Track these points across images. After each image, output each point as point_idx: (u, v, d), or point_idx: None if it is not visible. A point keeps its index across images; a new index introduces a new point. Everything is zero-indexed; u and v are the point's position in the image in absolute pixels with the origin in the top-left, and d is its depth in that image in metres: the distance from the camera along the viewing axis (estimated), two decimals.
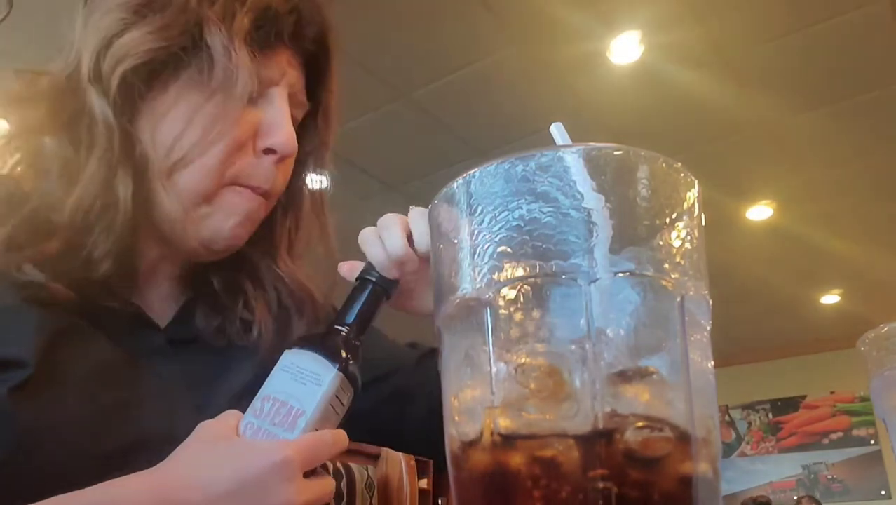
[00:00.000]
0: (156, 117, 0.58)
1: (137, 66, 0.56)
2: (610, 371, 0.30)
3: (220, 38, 0.56)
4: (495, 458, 0.31)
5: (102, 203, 0.55)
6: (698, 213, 0.34)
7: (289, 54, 0.62)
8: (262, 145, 0.60)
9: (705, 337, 0.34)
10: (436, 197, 0.36)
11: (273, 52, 0.61)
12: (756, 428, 5.89)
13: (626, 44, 2.52)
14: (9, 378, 0.49)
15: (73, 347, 0.54)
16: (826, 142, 3.11)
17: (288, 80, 0.62)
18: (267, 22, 0.59)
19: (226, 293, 0.66)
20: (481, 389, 0.32)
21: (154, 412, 0.56)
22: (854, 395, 5.47)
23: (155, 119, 0.58)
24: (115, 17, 0.57)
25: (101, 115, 0.56)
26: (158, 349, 0.60)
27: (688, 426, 0.31)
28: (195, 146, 0.57)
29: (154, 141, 0.57)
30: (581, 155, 0.32)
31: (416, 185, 3.28)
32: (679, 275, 0.32)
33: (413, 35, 2.41)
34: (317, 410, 0.49)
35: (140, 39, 0.56)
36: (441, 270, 0.35)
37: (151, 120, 0.58)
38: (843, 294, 4.80)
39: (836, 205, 3.60)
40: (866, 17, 2.41)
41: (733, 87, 2.74)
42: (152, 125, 0.58)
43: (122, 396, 0.55)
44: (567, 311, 0.31)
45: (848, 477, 5.43)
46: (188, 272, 0.66)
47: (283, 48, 0.61)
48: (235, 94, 0.56)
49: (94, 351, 0.55)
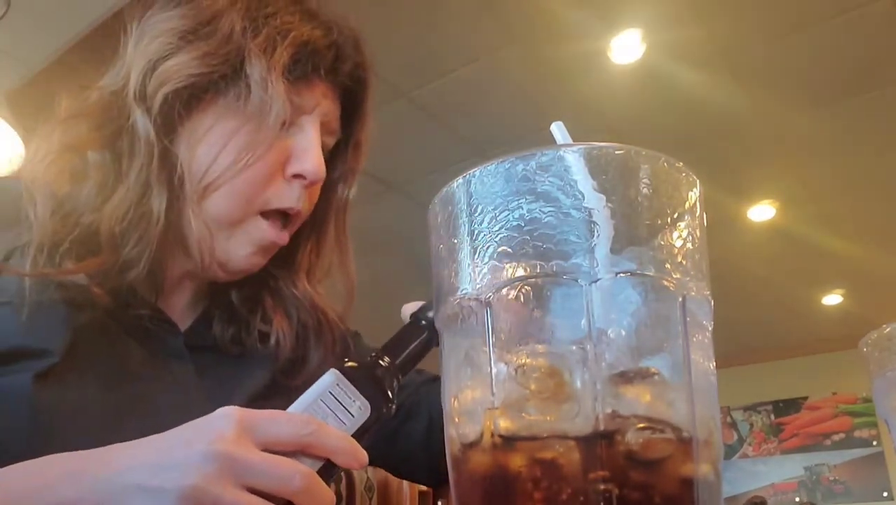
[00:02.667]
0: (193, 139, 0.61)
1: (179, 89, 0.59)
2: (611, 372, 0.30)
3: (260, 70, 0.59)
4: (496, 459, 0.31)
5: (138, 213, 0.58)
6: (700, 213, 0.34)
7: (325, 86, 0.65)
8: (291, 171, 0.62)
9: (707, 337, 0.34)
10: (436, 197, 0.36)
11: (309, 83, 0.63)
12: (758, 429, 5.88)
13: (627, 43, 2.52)
14: (35, 366, 0.52)
15: (98, 342, 0.57)
16: (829, 141, 3.10)
17: (321, 109, 0.65)
18: (305, 56, 0.62)
19: (243, 307, 0.69)
20: (481, 390, 0.32)
21: (168, 408, 0.56)
22: (856, 396, 5.46)
23: (192, 141, 0.61)
24: (162, 41, 0.61)
25: (144, 132, 0.59)
26: (176, 351, 0.63)
27: (689, 427, 0.31)
28: (227, 170, 0.60)
29: (190, 162, 0.60)
30: (582, 154, 0.32)
31: (417, 185, 3.28)
32: (681, 275, 0.32)
33: (413, 34, 2.41)
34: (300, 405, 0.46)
35: (184, 64, 0.59)
36: (441, 270, 0.35)
37: (189, 141, 0.61)
38: (845, 294, 4.79)
39: (839, 205, 3.60)
40: (869, 15, 2.40)
41: (735, 86, 2.74)
42: (189, 147, 0.61)
43: (140, 390, 0.58)
44: (568, 311, 0.31)
45: (850, 478, 5.42)
46: (208, 285, 0.69)
47: (319, 80, 0.64)
48: (269, 122, 0.59)
49: (116, 348, 0.58)
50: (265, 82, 0.59)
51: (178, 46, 0.60)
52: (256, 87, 0.59)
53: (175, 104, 0.60)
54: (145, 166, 0.59)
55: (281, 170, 0.62)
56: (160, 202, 0.59)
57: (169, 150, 0.60)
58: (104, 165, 0.60)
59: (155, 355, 0.61)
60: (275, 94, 0.59)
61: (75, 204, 0.59)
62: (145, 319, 0.61)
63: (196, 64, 0.59)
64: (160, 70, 0.60)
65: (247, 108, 0.60)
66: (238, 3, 0.62)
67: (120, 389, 0.57)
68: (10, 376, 0.52)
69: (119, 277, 0.58)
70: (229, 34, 0.60)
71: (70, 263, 0.57)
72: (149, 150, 0.59)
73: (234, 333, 0.67)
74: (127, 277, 0.59)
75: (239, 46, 0.60)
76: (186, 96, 0.60)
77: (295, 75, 0.61)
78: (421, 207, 0.77)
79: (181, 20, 0.62)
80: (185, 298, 0.68)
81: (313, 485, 0.41)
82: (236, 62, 0.60)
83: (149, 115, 0.59)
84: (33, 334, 0.54)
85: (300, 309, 0.70)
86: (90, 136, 0.61)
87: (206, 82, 0.60)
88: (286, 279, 0.70)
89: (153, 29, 0.62)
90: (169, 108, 0.59)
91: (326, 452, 0.43)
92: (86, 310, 0.57)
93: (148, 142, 0.59)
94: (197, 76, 0.59)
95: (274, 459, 0.41)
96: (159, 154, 0.59)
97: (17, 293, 0.55)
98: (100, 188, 0.59)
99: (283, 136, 0.62)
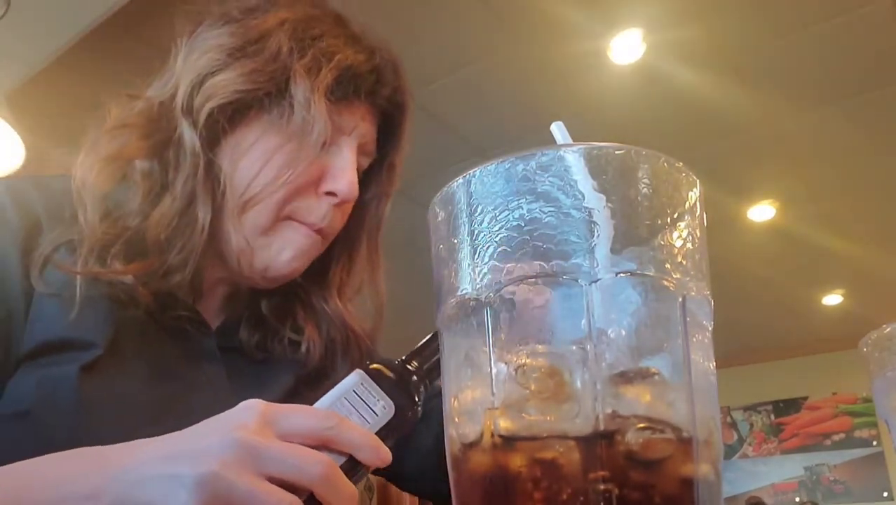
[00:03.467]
0: (236, 153, 0.63)
1: (224, 104, 0.61)
2: (611, 372, 0.30)
3: (304, 90, 0.61)
4: (496, 459, 0.31)
5: (183, 222, 0.61)
6: (700, 213, 0.34)
7: (364, 108, 0.67)
8: (324, 188, 0.64)
9: (707, 337, 0.34)
10: (436, 197, 0.36)
11: (350, 105, 0.65)
12: (758, 429, 5.88)
13: (628, 42, 2.52)
14: (81, 357, 0.55)
15: (137, 339, 0.59)
16: (829, 141, 3.10)
17: (359, 131, 0.66)
18: (348, 79, 0.64)
19: (273, 315, 0.70)
20: (481, 390, 0.32)
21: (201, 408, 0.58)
22: (856, 396, 5.46)
23: (235, 155, 0.63)
24: (211, 57, 0.63)
25: (190, 143, 0.61)
26: (209, 352, 0.65)
27: (689, 428, 0.31)
28: (268, 186, 0.62)
29: (232, 175, 0.62)
30: (582, 154, 0.32)
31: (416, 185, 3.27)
32: (681, 275, 0.32)
33: (413, 34, 2.41)
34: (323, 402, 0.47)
35: (230, 80, 0.61)
36: (441, 270, 0.35)
37: (232, 155, 0.63)
38: (845, 294, 4.79)
39: (839, 205, 3.59)
40: (870, 15, 2.40)
41: (735, 86, 2.74)
42: (232, 160, 0.63)
43: (176, 388, 0.60)
44: (568, 311, 0.30)
45: (850, 478, 5.42)
46: (239, 292, 0.71)
47: (359, 102, 0.66)
48: (310, 142, 0.61)
49: (154, 346, 0.61)
50: (308, 102, 0.61)
51: (225, 63, 0.62)
52: (300, 107, 0.61)
53: (220, 118, 0.62)
54: (191, 177, 0.61)
55: (315, 185, 0.64)
56: (205, 212, 0.61)
57: (213, 163, 0.62)
58: (151, 174, 0.62)
59: (189, 355, 0.63)
60: (317, 114, 0.61)
61: (123, 209, 0.61)
62: (183, 321, 0.63)
63: (242, 80, 0.61)
64: (207, 85, 0.62)
65: (289, 126, 0.62)
66: (286, 24, 0.64)
67: (158, 386, 0.59)
68: (58, 367, 0.54)
69: (162, 281, 0.61)
70: (276, 53, 0.62)
71: (118, 263, 0.59)
72: (194, 161, 0.61)
73: (260, 339, 0.69)
74: (170, 280, 0.61)
75: (285, 66, 0.62)
76: (231, 111, 0.62)
77: (336, 97, 0.63)
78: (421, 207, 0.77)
79: (230, 38, 0.64)
80: (217, 302, 0.70)
81: (334, 475, 0.41)
82: (281, 81, 0.62)
83: (195, 127, 0.61)
84: (79, 327, 0.56)
85: (330, 324, 0.72)
86: (138, 146, 0.62)
87: (251, 99, 0.62)
88: (318, 294, 0.72)
89: (203, 45, 0.65)
90: (214, 121, 0.62)
91: (348, 448, 0.43)
92: (128, 307, 0.59)
93: (194, 153, 0.61)
94: (242, 92, 0.61)
95: (293, 448, 0.41)
96: (204, 166, 0.61)
97: (64, 286, 0.57)
98: (147, 195, 0.61)
99: (321, 153, 0.64)
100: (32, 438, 0.52)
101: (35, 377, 0.54)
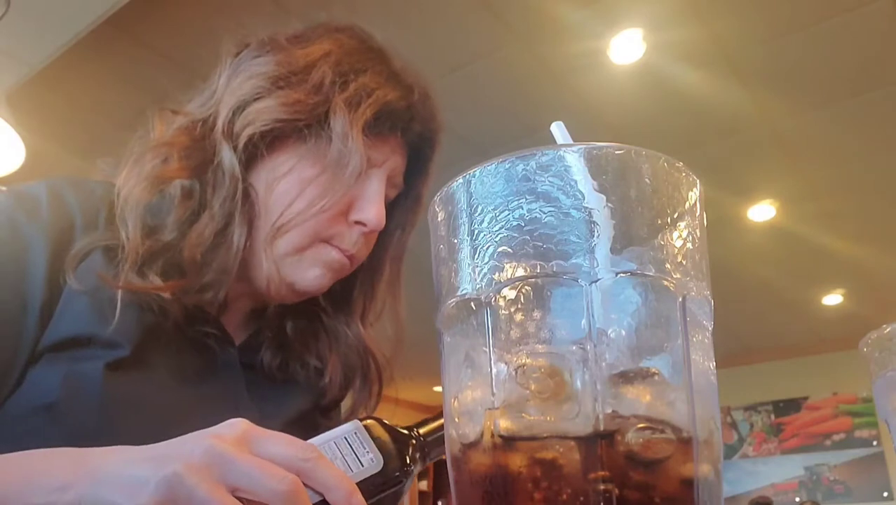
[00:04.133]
0: (272, 178, 0.64)
1: (264, 131, 0.63)
2: (611, 372, 0.30)
3: (343, 123, 0.63)
4: (496, 459, 0.31)
5: (219, 242, 0.62)
6: (700, 213, 0.34)
7: (396, 142, 0.69)
8: (354, 217, 0.66)
9: (707, 338, 0.34)
10: (436, 197, 0.36)
11: (383, 139, 0.67)
12: (758, 429, 5.88)
13: (628, 42, 2.52)
14: (107, 355, 0.57)
15: (162, 345, 0.61)
16: (829, 141, 3.10)
17: (390, 164, 0.68)
18: (385, 115, 0.66)
19: (297, 337, 0.72)
20: (482, 391, 0.32)
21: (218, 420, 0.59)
22: (856, 396, 5.46)
23: (271, 180, 0.64)
24: (254, 83, 0.64)
25: (230, 166, 0.63)
26: (231, 365, 0.66)
27: (689, 428, 0.31)
28: (300, 214, 0.63)
29: (267, 200, 0.64)
30: (582, 154, 0.32)
31: None
32: (681, 275, 0.32)
33: (413, 34, 2.41)
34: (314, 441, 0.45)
35: (272, 109, 0.63)
36: (441, 270, 0.35)
37: (268, 179, 0.64)
38: (845, 294, 4.79)
39: (839, 204, 3.59)
40: (869, 15, 2.40)
41: (735, 85, 2.74)
42: (268, 185, 0.64)
43: (195, 397, 0.61)
44: (568, 311, 0.30)
45: (850, 478, 5.42)
46: (262, 308, 0.72)
47: (393, 137, 0.68)
48: (345, 174, 0.63)
49: (177, 354, 0.62)
50: (347, 136, 0.62)
51: (268, 91, 0.64)
52: (338, 139, 0.62)
53: (259, 144, 0.63)
54: (228, 199, 0.63)
55: (345, 214, 0.66)
56: (240, 234, 0.62)
57: (250, 188, 0.64)
58: (192, 194, 0.64)
59: (210, 366, 0.64)
60: (354, 148, 0.62)
61: (163, 226, 0.63)
62: (208, 335, 0.65)
63: (284, 110, 0.63)
64: (249, 111, 0.63)
65: (325, 157, 0.63)
66: (331, 56, 0.65)
67: (178, 393, 0.60)
68: (84, 363, 0.56)
69: (195, 297, 0.62)
70: (319, 85, 0.64)
71: (157, 279, 0.60)
72: (233, 184, 0.63)
73: (282, 362, 0.70)
74: (202, 297, 0.63)
75: (326, 98, 0.63)
76: (270, 139, 0.63)
77: (373, 132, 0.65)
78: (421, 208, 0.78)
79: (276, 66, 0.65)
80: (240, 316, 0.71)
81: (299, 494, 0.39)
82: (321, 112, 0.63)
83: (234, 151, 0.63)
84: (106, 325, 0.58)
85: (350, 350, 0.73)
86: (180, 166, 0.64)
87: (290, 128, 0.63)
88: (341, 319, 0.74)
89: (247, 70, 0.66)
90: (253, 147, 0.63)
91: (320, 485, 0.41)
92: (156, 314, 0.60)
93: (233, 176, 0.63)
94: (283, 122, 0.63)
95: (262, 463, 0.40)
96: (242, 190, 0.63)
97: (96, 288, 0.58)
98: (185, 213, 0.63)
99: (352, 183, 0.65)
100: (58, 431, 0.53)
101: (62, 371, 0.55)
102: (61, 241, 0.60)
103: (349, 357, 0.73)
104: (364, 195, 0.66)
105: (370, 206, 0.65)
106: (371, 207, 0.65)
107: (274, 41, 0.68)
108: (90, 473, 0.41)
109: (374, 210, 0.65)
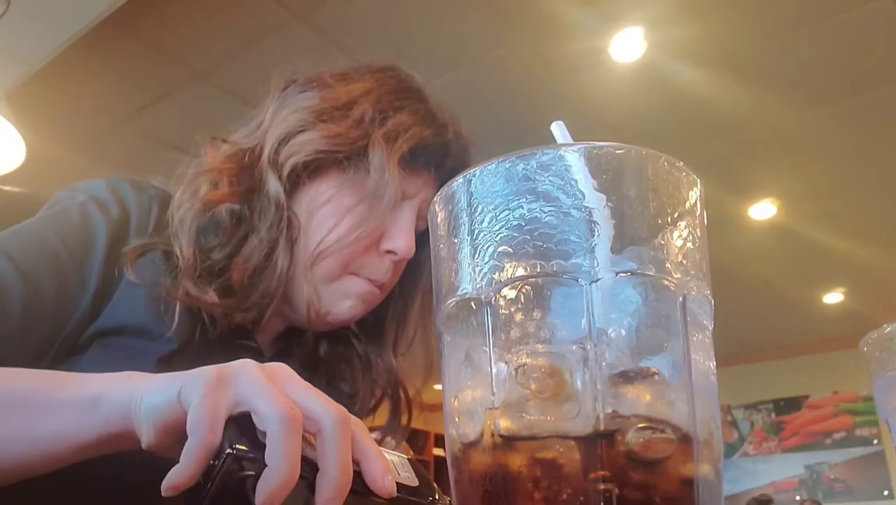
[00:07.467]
0: (312, 206, 0.68)
1: (307, 161, 0.67)
2: (611, 372, 0.30)
3: (381, 157, 0.66)
4: (496, 459, 0.31)
5: (264, 266, 0.66)
6: (700, 213, 0.34)
7: (429, 177, 0.72)
8: (385, 246, 0.69)
9: (707, 337, 0.34)
10: (436, 196, 0.36)
11: (417, 173, 0.71)
12: (759, 428, 5.88)
13: (629, 41, 2.51)
14: (160, 349, 0.61)
15: (201, 351, 0.63)
16: (830, 140, 3.10)
17: (421, 196, 0.71)
18: (420, 150, 0.69)
19: (329, 360, 0.75)
20: (482, 390, 0.32)
21: None
22: (857, 394, 5.46)
23: (311, 207, 0.68)
24: (299, 116, 0.69)
25: (275, 194, 0.67)
26: None
27: (690, 427, 0.31)
28: (338, 242, 0.67)
29: (307, 228, 0.68)
30: (582, 154, 0.32)
31: None
32: (681, 275, 0.32)
33: (413, 32, 2.41)
34: None
35: (314, 140, 0.67)
36: (441, 270, 0.35)
37: (308, 207, 0.68)
38: (846, 293, 4.79)
39: (840, 203, 3.59)
40: (869, 14, 2.40)
41: (736, 84, 2.73)
42: (308, 212, 0.68)
43: None
44: (568, 311, 0.30)
45: (850, 477, 5.42)
46: (293, 330, 0.75)
47: (426, 172, 0.71)
48: (380, 205, 0.66)
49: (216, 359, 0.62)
50: (384, 170, 0.66)
51: (312, 123, 0.68)
52: (375, 171, 0.66)
53: (302, 173, 0.68)
54: (274, 225, 0.66)
55: (376, 244, 0.69)
56: (284, 259, 0.66)
57: (293, 216, 0.68)
58: (240, 217, 0.68)
59: None
60: (390, 180, 0.66)
61: (213, 246, 0.67)
62: (244, 347, 0.68)
63: (325, 142, 0.67)
64: (293, 142, 0.67)
65: (364, 188, 0.67)
66: (372, 94, 0.70)
67: None
68: (136, 352, 0.60)
69: (240, 315, 0.66)
70: (360, 120, 0.68)
71: (213, 295, 0.64)
72: (278, 211, 0.67)
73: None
74: (246, 316, 0.66)
75: (366, 133, 0.67)
76: (312, 168, 0.68)
77: (408, 166, 0.69)
78: None
79: (320, 101, 0.69)
80: (271, 336, 0.75)
81: (346, 425, 0.37)
82: (361, 146, 0.67)
83: (279, 180, 0.67)
84: (159, 320, 0.62)
85: (380, 379, 0.76)
86: (230, 191, 0.68)
87: (331, 159, 0.68)
88: (373, 349, 0.77)
89: (293, 104, 0.70)
90: (296, 176, 0.68)
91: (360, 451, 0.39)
92: (205, 322, 0.64)
93: (278, 204, 0.67)
94: (324, 152, 0.67)
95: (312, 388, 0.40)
96: (287, 217, 0.67)
97: (152, 285, 0.63)
98: (233, 236, 0.67)
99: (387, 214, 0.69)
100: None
101: (115, 360, 0.58)
102: (118, 237, 0.65)
103: (378, 386, 0.76)
104: (396, 225, 0.69)
105: (401, 236, 0.69)
106: (402, 236, 0.69)
107: (319, 78, 0.72)
108: (128, 388, 0.42)
109: (404, 239, 0.69)
